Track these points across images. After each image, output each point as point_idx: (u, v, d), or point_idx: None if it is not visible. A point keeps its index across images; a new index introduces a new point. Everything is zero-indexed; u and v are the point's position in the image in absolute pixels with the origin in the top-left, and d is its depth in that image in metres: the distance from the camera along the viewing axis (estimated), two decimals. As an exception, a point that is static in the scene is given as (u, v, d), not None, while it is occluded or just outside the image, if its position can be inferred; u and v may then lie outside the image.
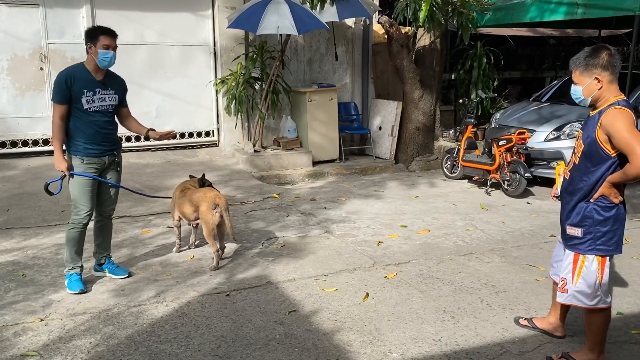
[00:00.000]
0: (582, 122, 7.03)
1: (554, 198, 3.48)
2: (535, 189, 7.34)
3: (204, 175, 5.18)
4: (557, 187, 3.42)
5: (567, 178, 3.22)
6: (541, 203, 6.81)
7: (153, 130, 4.44)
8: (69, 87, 4.03)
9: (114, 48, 4.12)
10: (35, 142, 7.69)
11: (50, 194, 4.25)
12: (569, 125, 7.33)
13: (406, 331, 3.68)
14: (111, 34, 4.12)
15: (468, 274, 4.63)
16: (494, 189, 7.35)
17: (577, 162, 3.14)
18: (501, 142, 7.12)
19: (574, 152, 3.20)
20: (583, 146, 3.08)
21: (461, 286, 4.38)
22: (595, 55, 3.00)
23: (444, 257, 4.99)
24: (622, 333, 3.68)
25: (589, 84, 3.02)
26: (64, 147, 4.16)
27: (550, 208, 6.58)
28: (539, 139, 7.41)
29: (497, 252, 5.14)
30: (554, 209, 6.58)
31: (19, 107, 7.57)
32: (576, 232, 3.14)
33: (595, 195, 3.04)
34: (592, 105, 3.11)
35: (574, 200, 3.14)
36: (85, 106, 4.08)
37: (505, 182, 7.11)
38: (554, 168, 7.37)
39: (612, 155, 2.96)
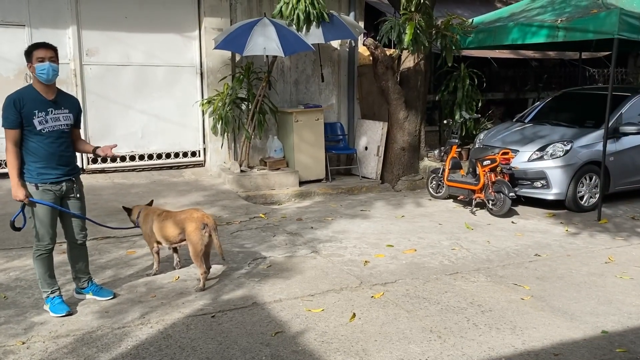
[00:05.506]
0: (565, 142, 7.25)
1: None
2: (519, 209, 7.41)
3: (152, 201, 5.21)
4: None
5: None
6: (525, 222, 6.87)
7: (99, 147, 4.30)
8: (19, 110, 3.84)
9: (51, 59, 3.89)
10: (19, 163, 7.59)
11: (18, 229, 4.06)
12: (552, 146, 7.44)
13: (393, 351, 3.67)
14: (44, 46, 3.92)
15: (454, 293, 4.64)
16: (478, 208, 7.40)
17: None
18: (485, 162, 7.20)
19: None
20: None
21: (447, 306, 4.39)
22: None
23: (430, 277, 5.00)
24: (607, 351, 3.70)
25: None
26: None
27: (534, 227, 6.64)
28: (523, 159, 7.50)
29: (482, 272, 5.16)
30: (538, 228, 6.65)
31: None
32: None
33: None
34: None
35: None
36: (38, 127, 3.89)
37: (490, 201, 7.17)
38: (537, 188, 7.53)
39: None
